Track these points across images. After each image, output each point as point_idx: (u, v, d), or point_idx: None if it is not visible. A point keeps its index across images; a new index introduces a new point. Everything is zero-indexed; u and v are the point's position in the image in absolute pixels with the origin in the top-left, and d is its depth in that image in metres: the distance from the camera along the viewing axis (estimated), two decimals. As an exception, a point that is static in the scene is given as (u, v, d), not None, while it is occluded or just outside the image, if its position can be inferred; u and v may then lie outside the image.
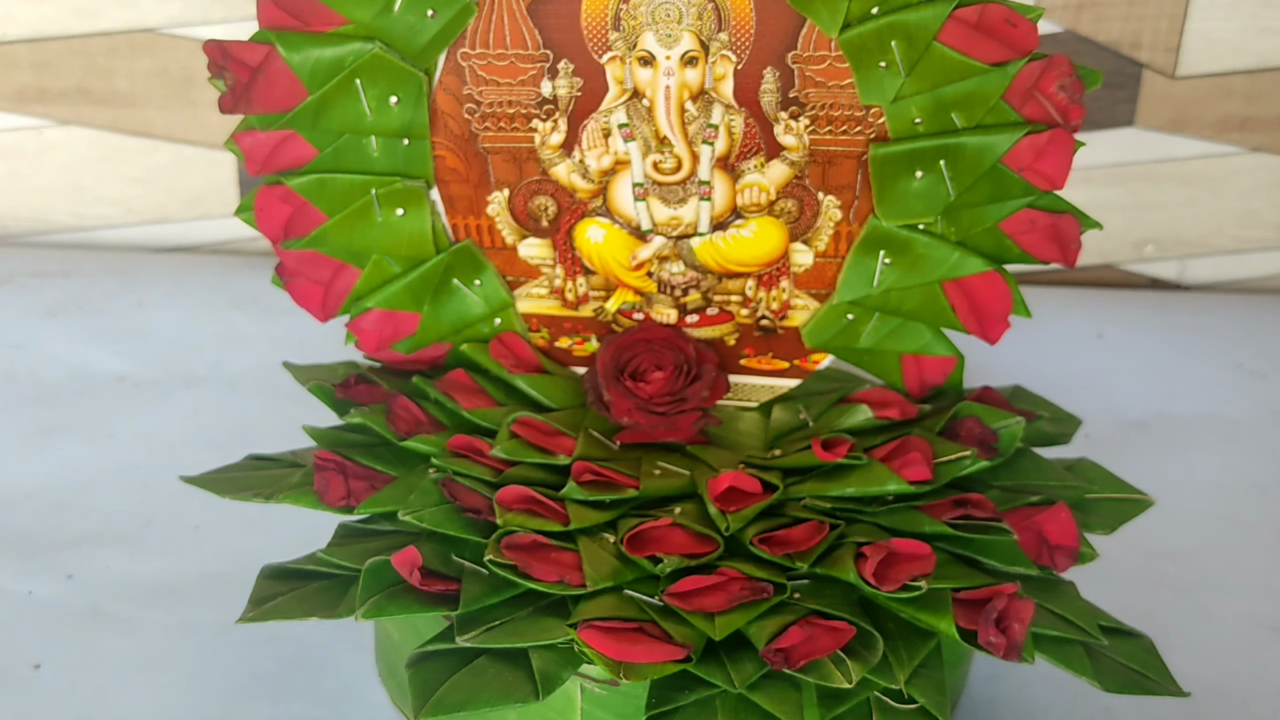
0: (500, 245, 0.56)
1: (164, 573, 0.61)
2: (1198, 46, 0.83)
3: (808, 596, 0.47)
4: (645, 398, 0.54)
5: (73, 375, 0.76)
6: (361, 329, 0.57)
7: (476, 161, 0.54)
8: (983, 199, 0.51)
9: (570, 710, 0.47)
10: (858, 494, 0.51)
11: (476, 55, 0.52)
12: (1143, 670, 0.48)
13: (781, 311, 0.56)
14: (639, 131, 0.52)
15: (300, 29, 0.51)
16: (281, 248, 0.55)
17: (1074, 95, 0.49)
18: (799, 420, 0.55)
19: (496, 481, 0.51)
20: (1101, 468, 0.55)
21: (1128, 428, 0.74)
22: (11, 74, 0.85)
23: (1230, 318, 0.85)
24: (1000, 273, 0.53)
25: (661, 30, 0.51)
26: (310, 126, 0.52)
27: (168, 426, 0.72)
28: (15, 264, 0.86)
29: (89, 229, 0.90)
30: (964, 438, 0.53)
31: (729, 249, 0.54)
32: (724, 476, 0.51)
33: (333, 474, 0.51)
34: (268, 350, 0.77)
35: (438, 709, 0.44)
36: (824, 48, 0.50)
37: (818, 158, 0.52)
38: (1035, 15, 0.48)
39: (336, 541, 0.50)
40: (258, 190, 0.54)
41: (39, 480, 0.67)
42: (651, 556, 0.48)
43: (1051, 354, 0.79)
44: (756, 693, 0.45)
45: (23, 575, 0.61)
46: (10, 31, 0.84)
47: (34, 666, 0.56)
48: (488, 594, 0.47)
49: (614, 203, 0.54)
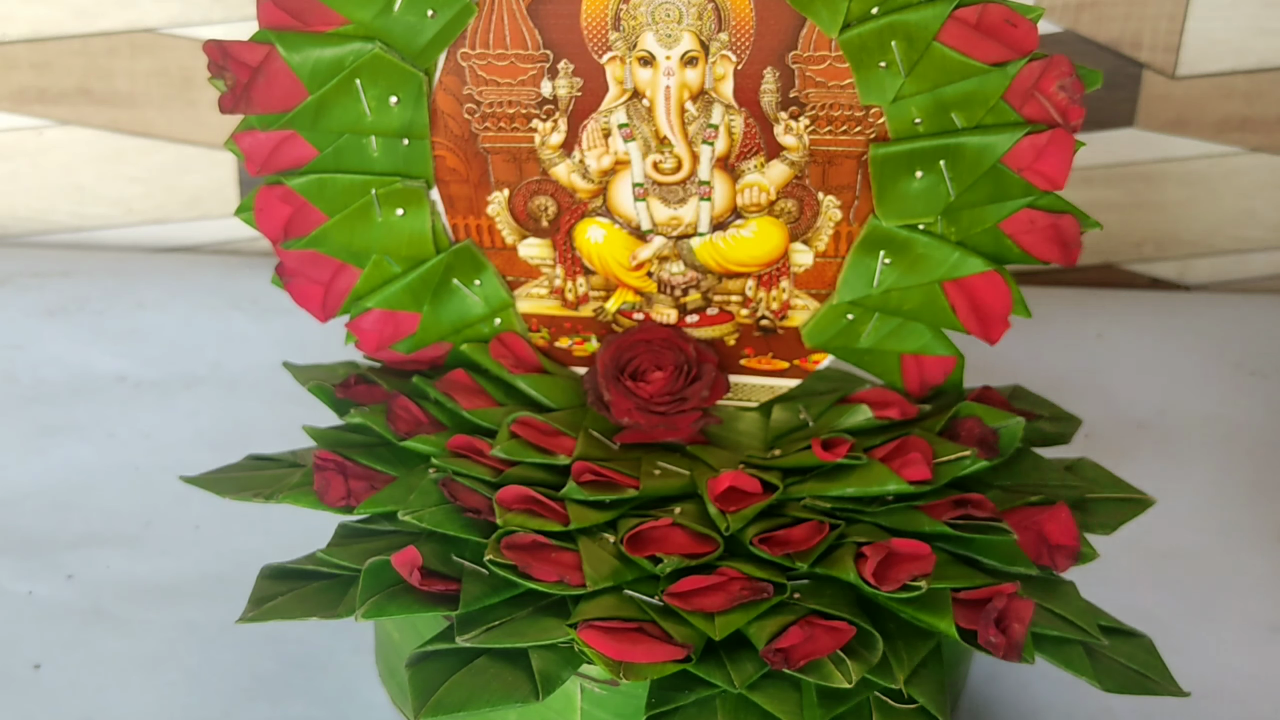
0: (500, 245, 0.56)
1: (164, 573, 0.61)
2: (1198, 46, 0.83)
3: (808, 596, 0.47)
4: (645, 398, 0.54)
5: (73, 375, 0.76)
6: (361, 329, 0.57)
7: (476, 161, 0.54)
8: (983, 199, 0.51)
9: (570, 710, 0.47)
10: (858, 494, 0.51)
11: (476, 55, 0.52)
12: (1143, 670, 0.48)
13: (781, 311, 0.56)
14: (639, 131, 0.53)
15: (300, 29, 0.51)
16: (281, 248, 0.55)
17: (1074, 95, 0.49)
18: (799, 420, 0.55)
19: (496, 481, 0.51)
20: (1101, 468, 0.55)
21: (1128, 428, 0.74)
22: (11, 74, 0.85)
23: (1230, 318, 0.85)
24: (1000, 273, 0.53)
25: (661, 30, 0.51)
26: (310, 126, 0.52)
27: (168, 426, 0.72)
28: (15, 264, 0.86)
29: (89, 229, 0.90)
30: (964, 438, 0.53)
31: (729, 249, 0.54)
32: (724, 476, 0.51)
33: (333, 474, 0.51)
34: (268, 350, 0.77)
35: (438, 709, 0.44)
36: (824, 48, 0.50)
37: (818, 158, 0.52)
38: (1035, 15, 0.48)
39: (336, 541, 0.50)
40: (258, 190, 0.54)
41: (39, 480, 0.67)
42: (651, 556, 0.48)
43: (1051, 354, 0.79)
44: (756, 693, 0.45)
45: (23, 575, 0.61)
46: (10, 31, 0.84)
47: (34, 666, 0.56)
48: (488, 594, 0.47)
49: (614, 203, 0.54)
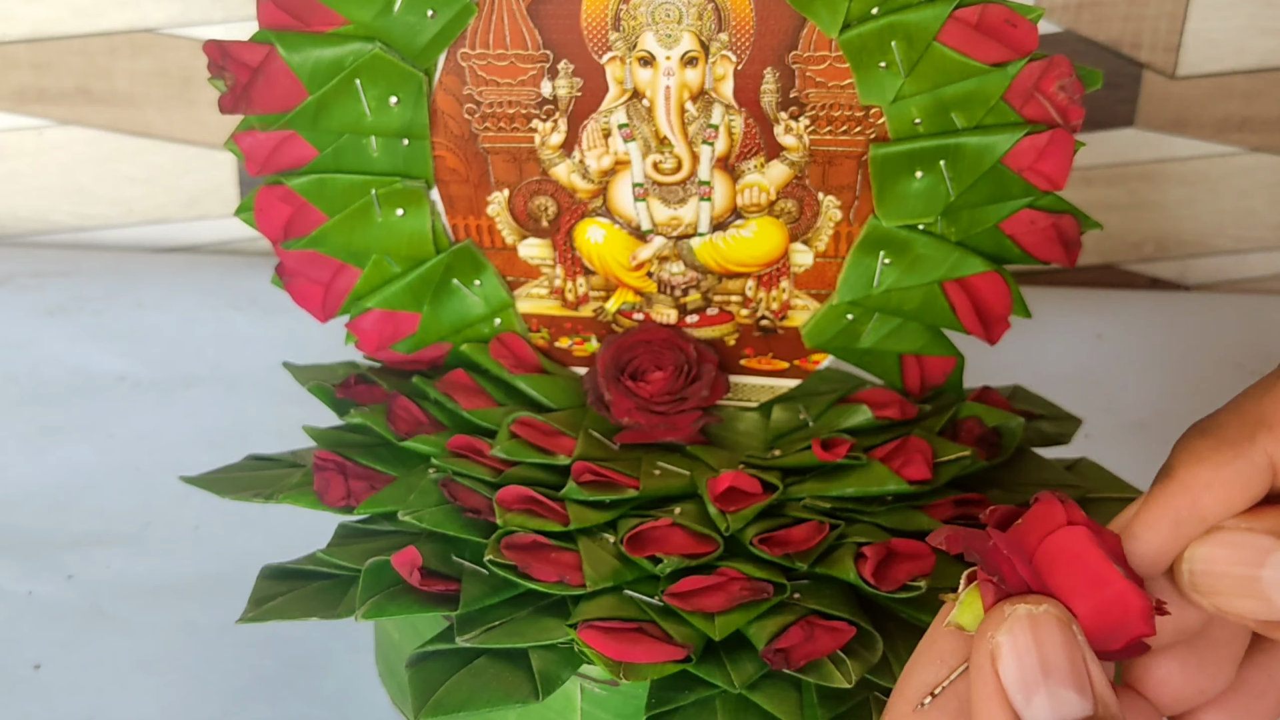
0: (500, 245, 0.56)
1: (164, 573, 0.61)
2: (1198, 46, 0.83)
3: (808, 596, 0.47)
4: (645, 398, 0.54)
5: (73, 375, 0.76)
6: (361, 329, 0.57)
7: (476, 161, 0.54)
8: (983, 199, 0.51)
9: (570, 710, 0.47)
10: (858, 494, 0.51)
11: (476, 55, 0.52)
12: (1143, 670, 0.48)
13: (781, 311, 0.56)
14: (639, 132, 0.53)
15: (300, 29, 0.51)
16: (281, 248, 0.55)
17: (1074, 95, 0.49)
18: (799, 420, 0.55)
19: (496, 481, 0.51)
20: (1101, 468, 0.55)
21: (1128, 428, 0.74)
22: (11, 74, 0.85)
23: (1230, 318, 0.85)
24: (1000, 273, 0.53)
25: (661, 30, 0.51)
26: (310, 126, 0.52)
27: (168, 426, 0.72)
28: (15, 264, 0.86)
29: (89, 229, 0.90)
30: (964, 438, 0.53)
31: (729, 249, 0.54)
32: (724, 476, 0.51)
33: (333, 474, 0.51)
34: (268, 350, 0.77)
35: (438, 709, 0.44)
36: (824, 48, 0.50)
37: (818, 158, 0.52)
38: (1035, 15, 0.48)
39: (336, 541, 0.50)
40: (258, 190, 0.54)
41: (39, 480, 0.67)
42: (651, 556, 0.48)
43: (1051, 354, 0.79)
44: (756, 693, 0.45)
45: (23, 575, 0.61)
46: (10, 31, 0.84)
47: (34, 666, 0.56)
48: (488, 594, 0.47)
49: (614, 203, 0.54)
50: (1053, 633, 0.32)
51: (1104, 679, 0.32)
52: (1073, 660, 0.32)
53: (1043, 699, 0.32)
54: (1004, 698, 0.32)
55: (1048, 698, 0.32)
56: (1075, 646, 0.32)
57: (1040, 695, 0.32)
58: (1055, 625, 0.32)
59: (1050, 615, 0.33)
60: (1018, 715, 0.32)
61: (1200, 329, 0.84)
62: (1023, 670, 0.32)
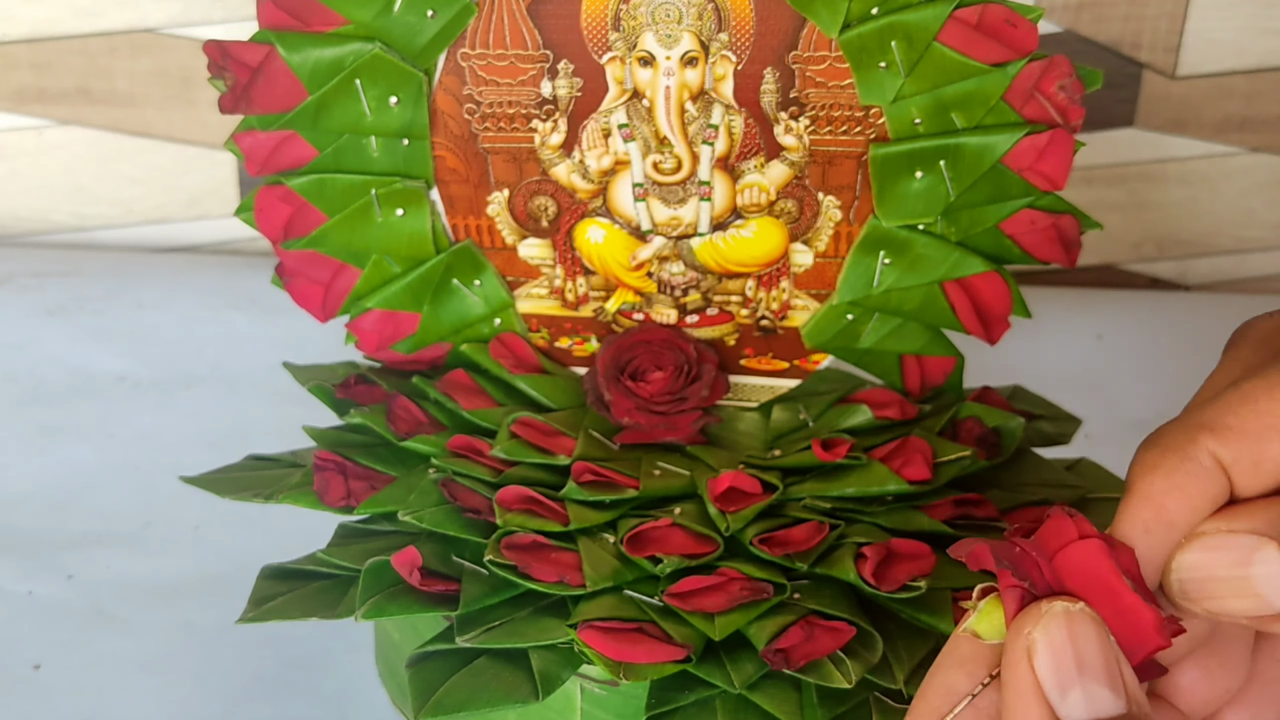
0: (500, 245, 0.56)
1: (164, 573, 0.61)
2: (1198, 46, 0.83)
3: (808, 596, 0.47)
4: (645, 398, 0.54)
5: (73, 375, 0.76)
6: (361, 329, 0.57)
7: (476, 161, 0.54)
8: (983, 199, 0.51)
9: (570, 710, 0.47)
10: (858, 494, 0.51)
11: (476, 55, 0.52)
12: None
13: (781, 311, 0.56)
14: (639, 132, 0.53)
15: (300, 29, 0.51)
16: (281, 248, 0.55)
17: (1074, 95, 0.49)
18: (799, 420, 0.55)
19: (496, 481, 0.51)
20: (1101, 468, 0.55)
21: (1128, 428, 0.73)
22: (11, 74, 0.85)
23: (1230, 318, 0.85)
24: (1000, 273, 0.53)
25: (661, 30, 0.51)
26: (310, 126, 0.52)
27: (168, 426, 0.72)
28: (15, 264, 0.86)
29: (89, 229, 0.90)
30: (964, 438, 0.53)
31: (729, 249, 0.54)
32: (724, 476, 0.51)
33: (333, 474, 0.51)
34: (268, 350, 0.76)
35: (438, 709, 0.44)
36: (824, 48, 0.50)
37: (818, 158, 0.52)
38: (1035, 15, 0.48)
39: (336, 541, 0.50)
40: (258, 190, 0.54)
41: (39, 480, 0.67)
42: (651, 556, 0.48)
43: (1051, 354, 0.79)
44: (756, 693, 0.45)
45: (23, 575, 0.61)
46: (10, 31, 0.84)
47: (34, 666, 0.56)
48: (488, 594, 0.47)
49: (614, 203, 0.54)
50: (1088, 631, 0.33)
51: (1135, 680, 0.33)
52: (1107, 659, 0.32)
53: (1078, 695, 0.32)
54: (1040, 694, 0.32)
55: (1083, 694, 0.32)
56: (1109, 646, 0.33)
57: (1076, 691, 0.32)
58: (1091, 624, 0.33)
59: (1086, 614, 0.33)
60: (1053, 711, 0.32)
61: (1200, 329, 0.84)
62: (1059, 666, 0.32)
